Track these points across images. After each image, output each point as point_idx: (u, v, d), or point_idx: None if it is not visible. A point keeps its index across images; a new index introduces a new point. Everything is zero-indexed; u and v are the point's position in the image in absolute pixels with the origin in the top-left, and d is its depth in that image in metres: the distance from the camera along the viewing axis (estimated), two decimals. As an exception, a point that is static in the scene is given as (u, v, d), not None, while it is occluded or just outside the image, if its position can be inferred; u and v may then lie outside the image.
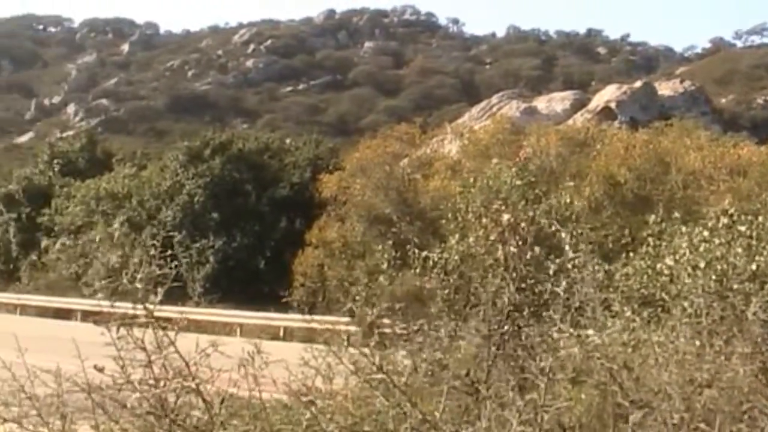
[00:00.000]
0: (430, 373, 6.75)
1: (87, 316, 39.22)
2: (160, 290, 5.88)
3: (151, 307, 5.80)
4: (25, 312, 42.41)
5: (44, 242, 48.66)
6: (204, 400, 5.55)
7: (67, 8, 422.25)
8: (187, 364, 5.62)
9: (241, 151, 44.84)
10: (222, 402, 5.70)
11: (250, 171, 44.02)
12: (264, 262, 40.95)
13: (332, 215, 38.83)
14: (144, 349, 5.69)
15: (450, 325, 8.11)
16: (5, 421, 5.95)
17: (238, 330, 34.77)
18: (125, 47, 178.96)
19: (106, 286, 6.05)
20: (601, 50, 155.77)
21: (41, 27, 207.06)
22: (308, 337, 30.88)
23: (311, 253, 37.64)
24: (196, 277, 40.89)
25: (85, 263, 44.66)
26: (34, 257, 48.95)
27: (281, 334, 34.23)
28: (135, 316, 5.82)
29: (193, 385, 5.59)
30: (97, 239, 44.72)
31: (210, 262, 40.53)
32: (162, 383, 5.66)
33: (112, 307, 6.02)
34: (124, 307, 6.91)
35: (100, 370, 5.92)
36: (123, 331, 5.86)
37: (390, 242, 32.90)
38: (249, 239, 41.48)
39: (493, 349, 7.19)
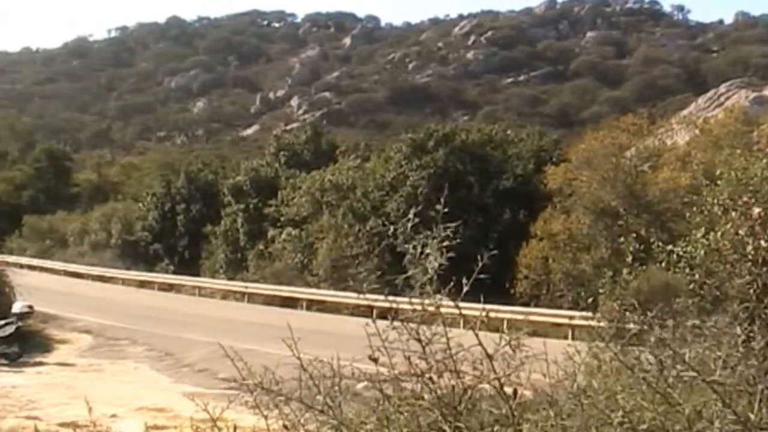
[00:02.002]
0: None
1: (312, 304, 39.95)
2: (464, 282, 5.65)
3: (439, 299, 5.57)
4: (252, 300, 43.34)
5: (271, 232, 49.57)
6: (504, 394, 5.31)
7: (290, 3, 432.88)
8: (489, 357, 5.39)
9: (464, 143, 44.53)
10: (515, 396, 5.45)
11: (473, 162, 43.67)
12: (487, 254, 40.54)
13: (557, 207, 38.15)
14: (419, 340, 5.44)
15: (696, 320, 7.51)
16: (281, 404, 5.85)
17: (461, 322, 34.52)
18: (347, 41, 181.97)
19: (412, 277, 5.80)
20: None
21: (265, 23, 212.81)
22: (530, 330, 30.44)
23: (536, 245, 37.10)
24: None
25: (311, 253, 45.38)
26: (261, 247, 49.96)
27: (504, 326, 33.76)
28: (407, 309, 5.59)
29: (492, 379, 5.35)
30: (322, 230, 45.43)
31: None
32: (457, 376, 5.45)
33: (394, 302, 5.76)
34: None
35: (375, 360, 5.71)
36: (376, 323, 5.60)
37: (633, 235, 32.09)
38: (472, 231, 41.10)
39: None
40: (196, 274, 52.26)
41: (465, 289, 5.69)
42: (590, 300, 22.10)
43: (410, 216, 5.78)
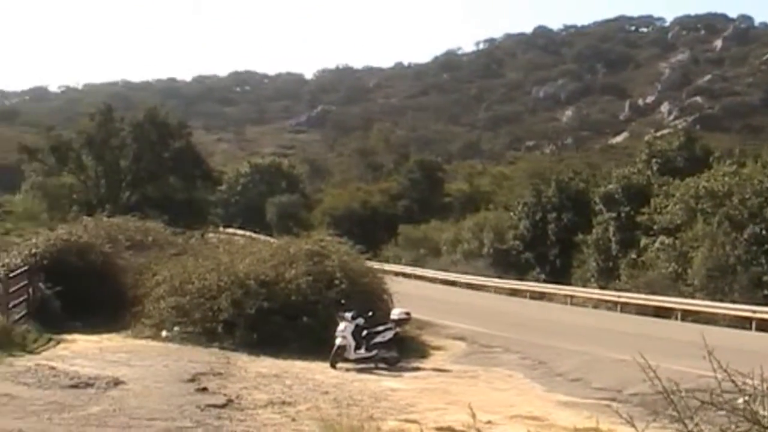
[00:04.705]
0: None
1: (687, 315, 38.70)
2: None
3: None
4: (624, 310, 42.61)
5: (643, 241, 48.69)
6: None
7: (658, 8, 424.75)
8: None
9: None
10: None
11: None
12: None
13: None
14: None
15: None
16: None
17: None
18: (718, 43, 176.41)
19: None
20: None
21: (633, 28, 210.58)
22: None
23: None
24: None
25: (685, 262, 44.09)
26: (633, 255, 49.15)
27: None
28: None
29: None
30: (697, 238, 44.00)
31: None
32: None
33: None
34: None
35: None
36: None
37: None
38: None
39: None
40: (567, 282, 52.12)
41: None
42: None
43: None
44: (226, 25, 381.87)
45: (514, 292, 52.23)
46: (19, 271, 26.89)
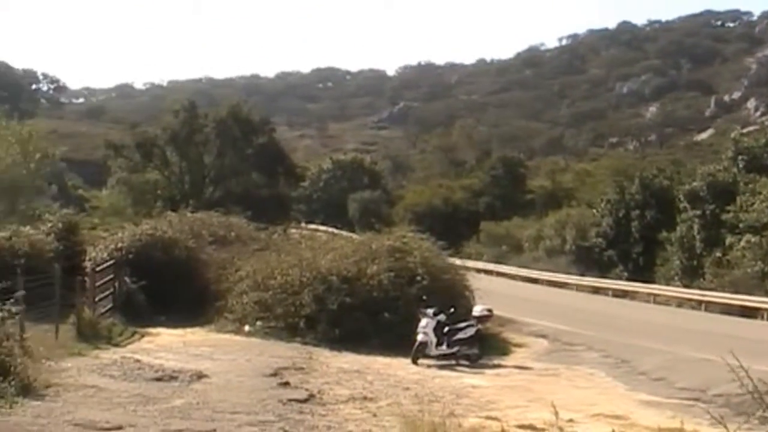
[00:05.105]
0: None
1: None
2: None
3: None
4: (709, 309, 42.01)
5: (729, 239, 47.87)
6: None
7: (745, 1, 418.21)
8: None
9: None
10: None
11: None
12: None
13: None
14: None
15: None
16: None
17: None
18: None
19: None
20: None
21: (719, 23, 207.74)
22: None
23: None
24: None
25: (772, 261, 43.37)
26: (718, 254, 48.37)
27: None
28: None
29: None
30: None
31: None
32: None
33: None
34: None
35: None
36: None
37: None
38: None
39: None
40: (650, 280, 51.50)
41: None
42: None
43: None
44: (309, 22, 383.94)
45: (596, 290, 51.83)
46: (105, 265, 27.40)
